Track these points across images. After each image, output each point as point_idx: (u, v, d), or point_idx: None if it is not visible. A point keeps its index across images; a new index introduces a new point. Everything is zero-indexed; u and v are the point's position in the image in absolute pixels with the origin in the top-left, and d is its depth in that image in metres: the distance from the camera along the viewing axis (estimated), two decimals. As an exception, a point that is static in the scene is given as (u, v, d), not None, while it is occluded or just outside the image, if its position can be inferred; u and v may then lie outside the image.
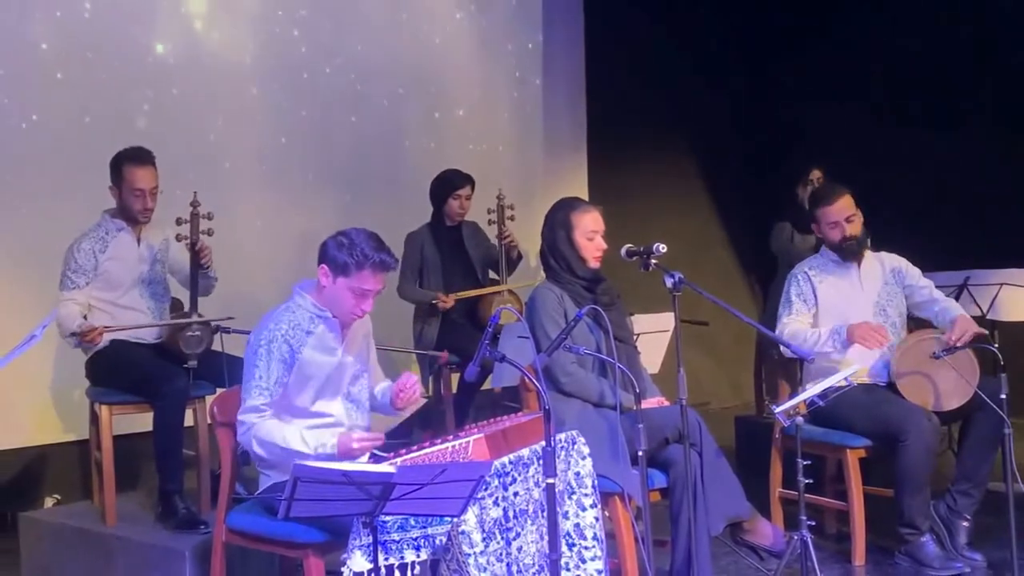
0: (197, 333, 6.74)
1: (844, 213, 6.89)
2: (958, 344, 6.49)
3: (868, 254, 7.02)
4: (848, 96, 11.52)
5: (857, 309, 6.85)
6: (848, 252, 6.91)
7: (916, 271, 7.02)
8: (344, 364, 5.40)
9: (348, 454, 5.12)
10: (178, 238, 6.87)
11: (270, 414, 5.21)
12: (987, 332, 6.77)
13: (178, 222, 6.82)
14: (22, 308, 7.54)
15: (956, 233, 10.01)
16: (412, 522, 4.74)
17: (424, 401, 5.47)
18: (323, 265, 5.27)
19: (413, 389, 5.42)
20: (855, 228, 6.90)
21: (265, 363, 5.19)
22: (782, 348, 6.69)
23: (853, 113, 11.37)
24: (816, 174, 9.12)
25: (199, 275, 6.91)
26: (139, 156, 6.84)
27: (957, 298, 7.72)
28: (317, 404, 5.34)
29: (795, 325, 6.81)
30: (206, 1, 8.94)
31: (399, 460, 4.86)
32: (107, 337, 6.71)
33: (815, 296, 6.89)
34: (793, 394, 6.44)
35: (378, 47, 9.88)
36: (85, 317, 6.75)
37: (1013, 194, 10.28)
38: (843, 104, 11.48)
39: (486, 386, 8.32)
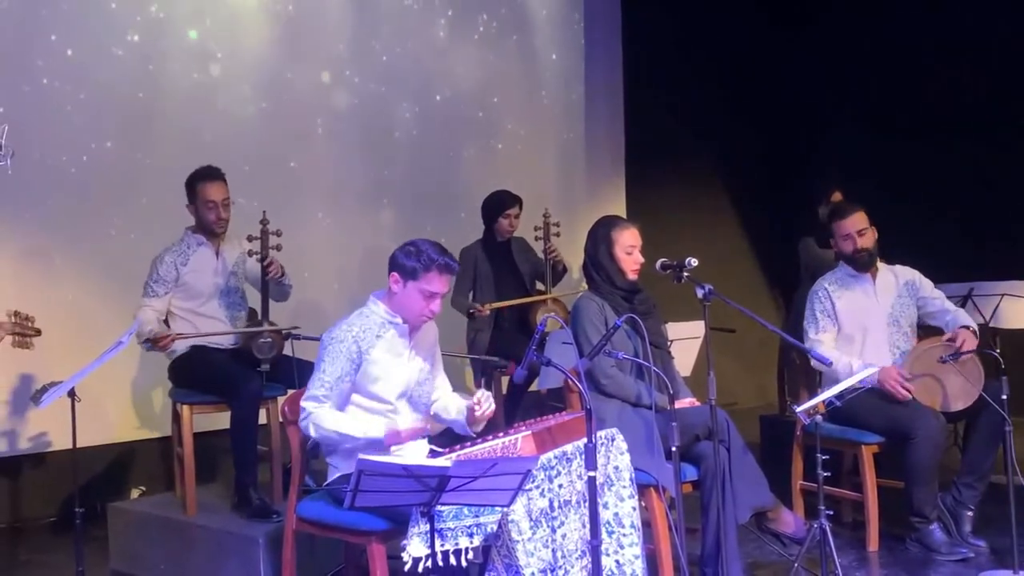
0: (268, 339, 6.77)
1: (857, 226, 6.90)
2: (961, 350, 6.51)
3: (882, 267, 7.02)
4: (862, 119, 11.55)
5: (872, 320, 6.87)
6: (860, 263, 6.92)
7: (928, 283, 7.02)
8: (411, 368, 5.41)
9: (394, 439, 5.18)
10: (250, 253, 6.94)
11: (328, 405, 5.22)
12: (978, 344, 6.71)
13: (249, 239, 6.89)
14: (110, 317, 7.62)
15: (961, 248, 9.97)
16: (466, 511, 4.76)
17: (492, 411, 5.46)
18: (393, 273, 5.26)
19: (489, 405, 5.39)
20: (866, 241, 6.90)
21: (331, 359, 5.21)
22: (810, 359, 6.66)
23: (867, 135, 11.35)
24: (836, 196, 9.07)
25: (273, 283, 6.96)
26: (210, 173, 6.94)
27: (962, 307, 7.69)
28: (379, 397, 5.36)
29: (825, 349, 6.77)
30: (281, 38, 9.01)
31: (454, 455, 4.89)
32: (188, 343, 6.79)
33: (835, 311, 6.90)
34: (813, 395, 6.43)
35: (436, 80, 9.96)
36: (167, 323, 6.84)
37: (1014, 210, 10.25)
38: (857, 128, 11.51)
39: (533, 388, 8.30)
